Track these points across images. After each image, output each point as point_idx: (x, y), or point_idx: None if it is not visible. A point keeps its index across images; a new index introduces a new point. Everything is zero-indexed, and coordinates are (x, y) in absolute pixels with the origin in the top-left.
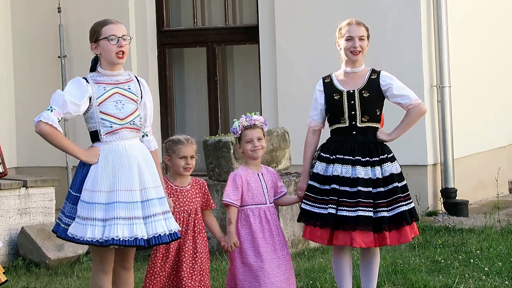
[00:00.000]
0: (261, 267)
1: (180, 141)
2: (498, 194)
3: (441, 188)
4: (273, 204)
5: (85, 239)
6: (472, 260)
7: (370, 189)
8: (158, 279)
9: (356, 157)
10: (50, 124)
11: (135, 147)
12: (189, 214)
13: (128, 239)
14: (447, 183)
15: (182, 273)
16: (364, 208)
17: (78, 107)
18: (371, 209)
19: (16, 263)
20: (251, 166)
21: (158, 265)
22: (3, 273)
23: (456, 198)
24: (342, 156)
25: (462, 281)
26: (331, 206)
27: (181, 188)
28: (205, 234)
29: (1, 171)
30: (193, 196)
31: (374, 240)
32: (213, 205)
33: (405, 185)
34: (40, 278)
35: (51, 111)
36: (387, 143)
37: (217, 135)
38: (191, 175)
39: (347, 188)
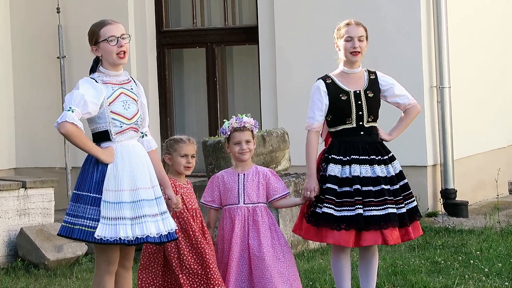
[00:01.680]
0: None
1: (182, 139)
2: (498, 195)
3: (440, 189)
4: (252, 205)
5: (118, 239)
6: (472, 261)
7: (389, 186)
8: (150, 274)
9: (372, 156)
10: (75, 124)
11: (139, 147)
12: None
13: (154, 236)
14: (446, 184)
15: (173, 268)
16: (391, 206)
17: (97, 106)
18: (395, 205)
19: (15, 264)
20: (237, 167)
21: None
22: None
23: (456, 199)
24: (358, 157)
25: (462, 282)
26: (358, 207)
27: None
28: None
29: None
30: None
31: (400, 236)
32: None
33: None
34: (39, 279)
35: (72, 111)
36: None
37: (217, 136)
38: (190, 175)
39: (370, 188)
